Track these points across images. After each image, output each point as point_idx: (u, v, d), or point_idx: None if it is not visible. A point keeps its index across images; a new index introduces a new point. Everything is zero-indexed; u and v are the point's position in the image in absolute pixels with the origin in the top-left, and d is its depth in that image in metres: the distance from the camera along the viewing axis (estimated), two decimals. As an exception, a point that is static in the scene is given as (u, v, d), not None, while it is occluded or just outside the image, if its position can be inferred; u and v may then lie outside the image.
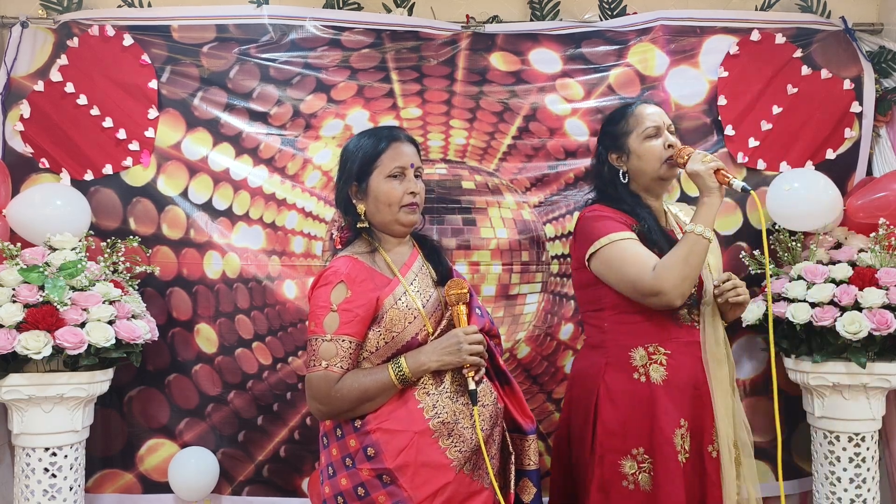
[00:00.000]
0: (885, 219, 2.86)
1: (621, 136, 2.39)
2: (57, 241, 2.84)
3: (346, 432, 2.05)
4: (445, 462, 2.01)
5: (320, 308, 2.04)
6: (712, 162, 2.23)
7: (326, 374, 2.01)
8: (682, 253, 2.19)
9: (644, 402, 2.25)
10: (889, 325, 2.71)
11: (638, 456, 2.24)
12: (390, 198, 2.11)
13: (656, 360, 2.27)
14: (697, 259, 2.20)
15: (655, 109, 2.42)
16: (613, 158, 2.41)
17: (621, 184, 2.39)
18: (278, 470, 3.09)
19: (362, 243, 2.16)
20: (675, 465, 2.21)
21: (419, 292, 2.11)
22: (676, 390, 2.25)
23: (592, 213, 2.37)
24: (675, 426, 2.23)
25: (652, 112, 2.40)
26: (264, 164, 3.11)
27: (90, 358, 2.70)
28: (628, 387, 2.27)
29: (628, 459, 2.25)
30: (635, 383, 2.27)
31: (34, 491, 2.72)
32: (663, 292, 2.18)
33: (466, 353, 2.02)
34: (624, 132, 2.39)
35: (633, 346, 2.29)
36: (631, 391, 2.27)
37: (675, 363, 2.27)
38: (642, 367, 2.28)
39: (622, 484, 2.24)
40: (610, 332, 2.33)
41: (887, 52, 3.20)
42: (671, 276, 2.18)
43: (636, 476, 2.24)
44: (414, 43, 3.16)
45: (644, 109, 2.41)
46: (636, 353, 2.29)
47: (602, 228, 2.30)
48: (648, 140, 2.35)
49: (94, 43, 3.08)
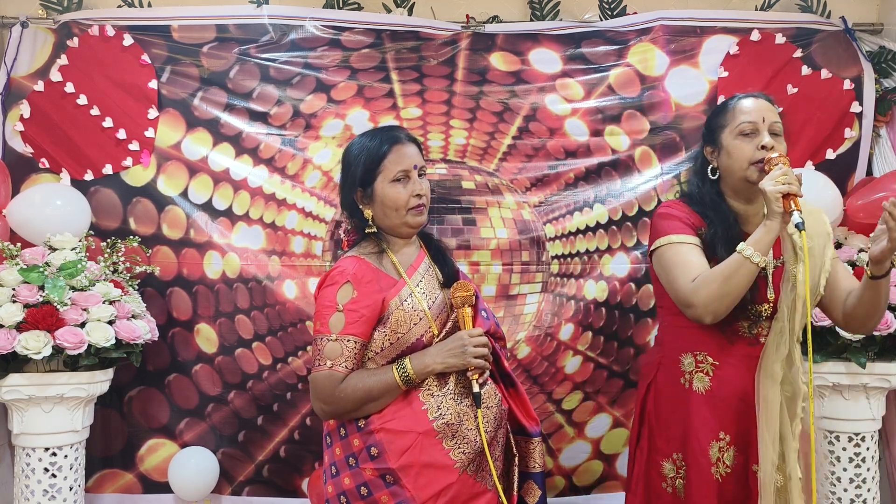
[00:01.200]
0: (885, 219, 2.86)
1: (717, 130, 2.24)
2: (57, 241, 2.84)
3: (349, 432, 2.05)
4: (449, 463, 2.01)
5: (326, 308, 2.04)
6: (785, 185, 2.00)
7: (331, 373, 2.01)
8: (723, 272, 2.05)
9: (683, 409, 2.20)
10: (889, 325, 2.72)
11: (677, 461, 2.20)
12: (397, 202, 2.10)
13: (702, 370, 2.19)
14: (740, 281, 2.04)
15: (760, 105, 2.22)
16: (708, 151, 2.28)
17: (708, 180, 2.26)
18: (278, 470, 3.09)
19: (369, 244, 2.15)
20: (707, 477, 2.14)
21: (425, 294, 2.11)
22: (721, 402, 2.16)
23: (665, 209, 2.27)
24: (713, 438, 2.16)
25: (752, 107, 2.20)
26: (264, 164, 3.11)
27: (90, 358, 2.70)
28: (673, 391, 2.23)
29: (669, 462, 2.22)
30: (680, 388, 2.22)
31: (34, 491, 2.72)
32: (695, 306, 2.08)
33: (471, 355, 2.02)
34: (720, 125, 2.24)
35: (684, 352, 2.22)
36: (675, 396, 2.22)
37: (722, 375, 2.17)
38: (689, 374, 2.20)
39: (662, 485, 2.22)
40: (667, 333, 2.29)
41: (887, 52, 3.20)
42: (706, 292, 2.06)
43: (674, 480, 2.21)
44: (414, 43, 3.16)
45: (745, 103, 2.22)
46: (685, 358, 2.22)
47: (666, 227, 2.21)
48: (741, 137, 2.18)
49: (94, 43, 3.08)
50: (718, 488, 2.15)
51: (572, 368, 3.13)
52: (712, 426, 2.16)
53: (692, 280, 2.09)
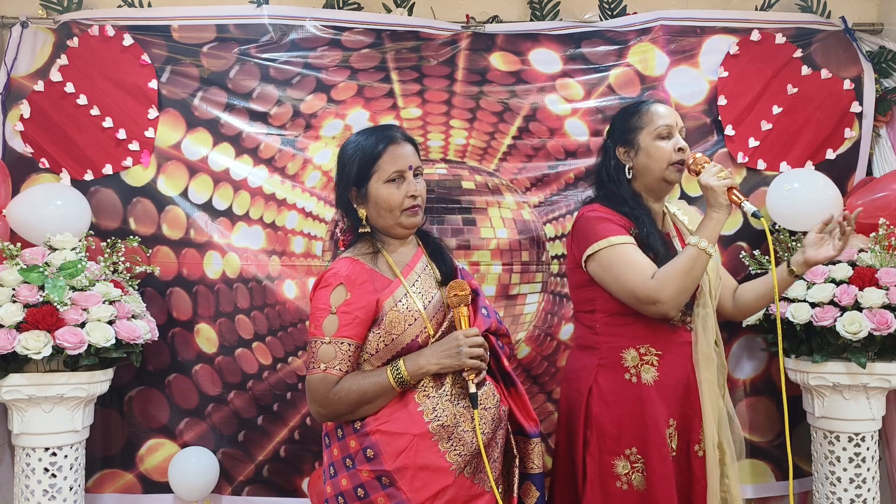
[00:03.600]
0: (885, 219, 2.86)
1: (632, 131, 2.37)
2: (57, 241, 2.84)
3: (346, 433, 2.05)
4: (445, 465, 2.00)
5: (320, 310, 2.03)
6: (726, 179, 2.23)
7: (325, 376, 2.01)
8: (683, 265, 2.20)
9: (635, 403, 2.27)
10: (889, 325, 2.71)
11: (631, 456, 2.26)
12: (391, 203, 2.09)
13: (648, 362, 2.29)
14: (698, 273, 2.21)
15: (670, 110, 2.41)
16: (621, 152, 2.39)
17: (625, 180, 2.37)
18: (278, 470, 3.09)
19: (364, 244, 2.14)
20: (668, 463, 2.24)
21: (421, 293, 2.10)
22: (668, 390, 2.28)
23: (592, 212, 2.35)
24: (665, 426, 2.26)
25: (667, 112, 2.39)
26: (264, 164, 3.11)
27: (90, 358, 2.70)
28: (620, 388, 2.29)
29: (621, 460, 2.27)
30: (627, 384, 2.29)
31: (34, 491, 2.72)
32: (661, 302, 2.20)
33: (466, 356, 2.00)
34: (636, 127, 2.37)
35: (625, 348, 2.30)
36: (623, 392, 2.29)
37: (666, 364, 2.29)
38: (634, 367, 2.29)
39: (616, 485, 2.27)
40: (602, 334, 2.34)
41: (887, 52, 3.20)
42: (670, 287, 2.19)
43: (629, 476, 2.26)
44: (414, 43, 3.16)
45: (659, 108, 2.40)
46: (628, 354, 2.30)
47: (602, 230, 2.28)
48: (660, 139, 2.34)
49: (94, 43, 3.08)
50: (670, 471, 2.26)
51: (572, 368, 3.12)
52: (664, 414, 2.26)
53: (650, 277, 2.20)
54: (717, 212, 2.22)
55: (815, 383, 2.83)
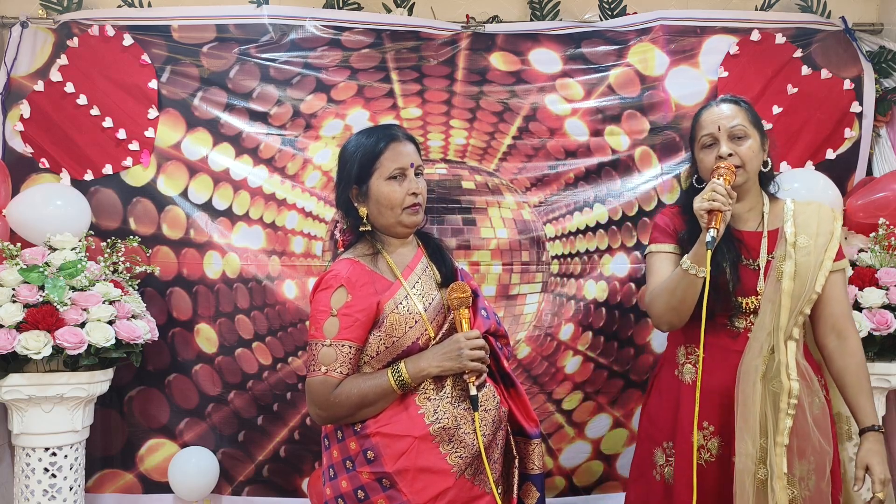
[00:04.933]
0: (885, 219, 2.87)
1: (691, 143, 2.38)
2: (57, 241, 2.84)
3: (346, 435, 2.05)
4: (445, 468, 2.00)
5: (320, 312, 2.02)
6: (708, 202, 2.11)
7: (326, 379, 2.00)
8: (668, 285, 2.21)
9: (674, 399, 2.30)
10: (889, 325, 2.72)
11: (667, 450, 2.30)
12: (391, 201, 2.08)
13: (690, 361, 2.30)
14: (684, 294, 2.16)
15: (717, 113, 2.29)
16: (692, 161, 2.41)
17: (692, 186, 2.37)
18: (278, 470, 3.09)
19: (364, 245, 2.13)
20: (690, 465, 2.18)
21: (421, 295, 2.09)
22: (704, 394, 2.18)
23: (659, 216, 2.43)
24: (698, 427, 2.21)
25: (710, 119, 2.29)
26: (264, 164, 3.11)
27: (90, 358, 2.70)
28: (669, 381, 2.34)
29: (660, 450, 2.32)
30: (674, 379, 2.33)
31: (34, 491, 2.72)
32: (652, 317, 2.28)
33: (467, 358, 2.00)
34: (692, 138, 2.37)
35: (679, 345, 2.34)
36: (670, 386, 2.33)
37: (708, 367, 2.21)
38: (681, 364, 2.32)
39: (652, 473, 2.32)
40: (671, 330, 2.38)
41: (887, 52, 3.20)
42: (657, 305, 2.24)
43: (663, 469, 2.31)
44: (414, 43, 3.16)
45: (705, 114, 2.32)
46: (679, 350, 2.34)
47: (651, 237, 2.39)
48: (704, 150, 2.30)
49: (94, 43, 3.08)
50: (701, 474, 2.20)
51: (572, 368, 3.13)
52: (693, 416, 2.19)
53: (650, 292, 2.28)
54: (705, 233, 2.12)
55: (814, 383, 2.83)
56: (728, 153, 2.23)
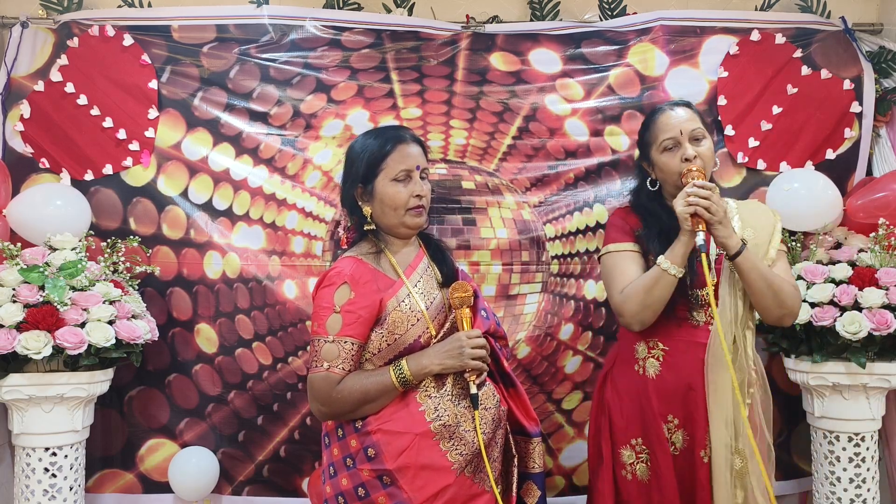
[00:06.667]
0: (885, 219, 2.86)
1: (646, 147, 2.40)
2: (57, 241, 2.84)
3: (347, 432, 2.05)
4: (446, 465, 2.01)
5: (323, 309, 2.04)
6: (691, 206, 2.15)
7: (328, 375, 2.01)
8: (645, 283, 2.23)
9: (640, 395, 2.33)
10: (889, 325, 2.71)
11: (636, 446, 2.32)
12: (396, 202, 2.10)
13: (653, 355, 2.33)
14: (660, 292, 2.21)
15: (676, 118, 2.33)
16: (645, 165, 2.43)
17: (646, 189, 2.40)
18: (278, 470, 3.09)
19: (368, 244, 2.15)
20: (668, 457, 2.27)
21: (423, 294, 2.11)
22: (669, 387, 2.29)
23: (613, 217, 2.46)
24: (663, 420, 2.29)
25: (670, 123, 2.33)
26: (264, 164, 3.11)
27: (90, 358, 2.70)
28: (630, 379, 2.36)
29: (627, 449, 2.33)
30: (635, 375, 2.35)
31: (34, 491, 2.72)
32: (623, 316, 2.28)
33: (468, 356, 2.02)
34: (647, 142, 2.39)
35: (638, 341, 2.35)
36: (631, 383, 2.35)
37: (671, 361, 2.30)
38: (642, 360, 2.34)
39: (622, 473, 2.34)
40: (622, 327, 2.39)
41: (887, 52, 3.20)
42: (631, 303, 2.25)
43: (634, 466, 2.32)
44: (414, 43, 3.16)
45: (663, 119, 2.35)
46: (639, 346, 2.35)
47: (607, 236, 2.40)
48: (666, 153, 2.32)
49: (94, 43, 3.08)
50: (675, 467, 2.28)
51: (572, 368, 3.13)
52: (661, 409, 2.29)
53: (621, 291, 2.27)
54: (683, 235, 2.19)
55: (814, 383, 2.83)
56: (693, 155, 2.29)
